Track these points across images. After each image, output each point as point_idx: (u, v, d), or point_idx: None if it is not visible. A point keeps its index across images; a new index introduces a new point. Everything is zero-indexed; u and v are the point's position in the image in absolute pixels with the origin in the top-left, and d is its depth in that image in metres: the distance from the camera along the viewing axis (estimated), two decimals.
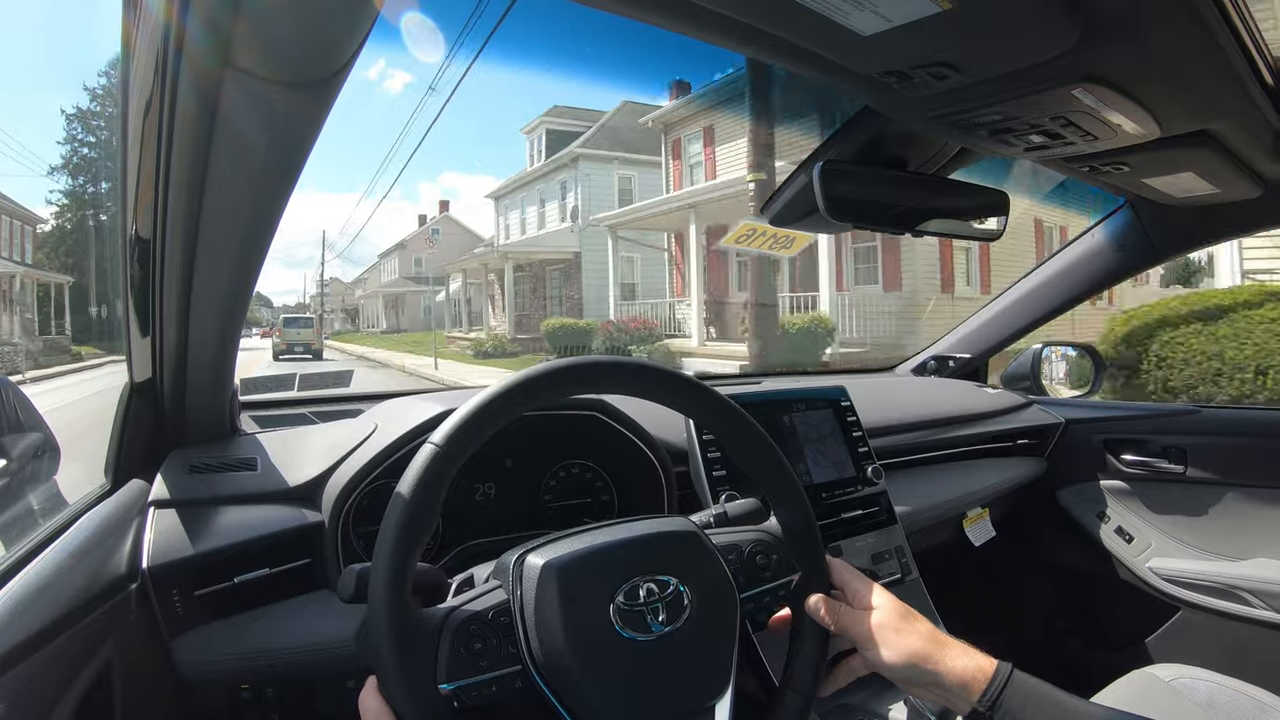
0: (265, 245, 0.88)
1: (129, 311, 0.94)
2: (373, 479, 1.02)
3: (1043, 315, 1.95)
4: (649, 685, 0.67)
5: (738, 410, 0.79)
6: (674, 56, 6.20)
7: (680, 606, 0.70)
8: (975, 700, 0.69)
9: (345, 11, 0.60)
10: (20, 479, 1.19)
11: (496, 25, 6.44)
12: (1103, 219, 1.71)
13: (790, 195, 1.20)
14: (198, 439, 1.12)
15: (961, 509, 1.70)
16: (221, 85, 0.64)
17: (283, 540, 1.00)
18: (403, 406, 1.19)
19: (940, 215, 1.17)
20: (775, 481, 0.81)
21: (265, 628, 0.95)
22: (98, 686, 0.82)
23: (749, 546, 0.81)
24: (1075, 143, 1.00)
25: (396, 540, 0.63)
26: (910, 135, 1.08)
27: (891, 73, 0.81)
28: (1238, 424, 1.80)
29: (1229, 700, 1.13)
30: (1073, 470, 1.95)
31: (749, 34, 0.74)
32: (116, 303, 12.55)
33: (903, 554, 1.34)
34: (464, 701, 0.63)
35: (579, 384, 0.75)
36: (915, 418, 1.71)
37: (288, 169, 0.77)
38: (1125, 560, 1.82)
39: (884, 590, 0.79)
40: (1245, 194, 1.29)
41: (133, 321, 0.95)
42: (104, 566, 0.85)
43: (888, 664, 0.74)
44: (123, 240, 0.87)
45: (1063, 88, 0.82)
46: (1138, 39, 0.74)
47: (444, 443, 0.66)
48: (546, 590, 0.67)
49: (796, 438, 1.33)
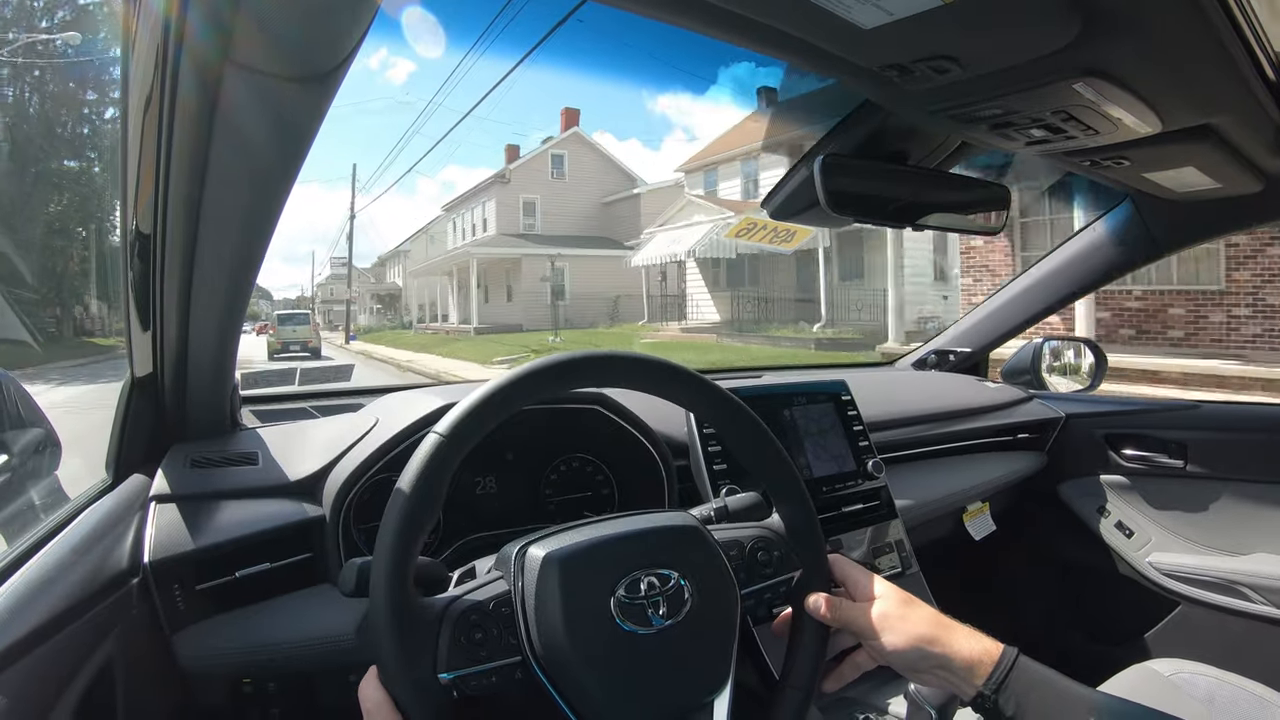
0: (266, 240, 0.87)
1: (129, 306, 0.94)
2: (374, 473, 1.02)
3: (1044, 310, 1.95)
4: (649, 679, 0.67)
5: (739, 404, 0.79)
6: (680, 52, 6.19)
7: (681, 600, 0.70)
8: (981, 684, 0.69)
9: (346, 5, 0.60)
10: (22, 473, 1.19)
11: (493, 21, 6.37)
12: (1104, 213, 1.71)
13: (791, 189, 1.20)
14: (198, 434, 1.12)
15: (962, 503, 1.70)
16: (222, 79, 0.64)
17: (284, 535, 1.00)
18: (404, 400, 1.19)
19: (941, 209, 1.17)
20: (776, 477, 0.81)
21: (266, 622, 0.95)
22: (100, 681, 0.82)
23: (750, 543, 0.81)
24: (1076, 137, 0.99)
25: (399, 529, 0.63)
26: (911, 129, 1.08)
27: (892, 66, 0.81)
28: (1238, 419, 1.80)
29: (1228, 695, 1.14)
30: (1073, 465, 1.95)
31: (749, 27, 0.74)
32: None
33: (903, 548, 1.35)
34: (463, 691, 0.63)
35: (581, 377, 0.76)
36: (916, 412, 1.71)
37: (288, 163, 0.77)
38: (1125, 555, 1.82)
39: (885, 581, 0.79)
40: (1246, 189, 1.28)
41: (133, 316, 0.95)
42: (106, 561, 0.86)
43: (894, 650, 0.74)
44: (123, 235, 0.87)
45: (1064, 81, 0.82)
46: (1139, 33, 0.74)
47: (447, 432, 0.66)
48: (548, 582, 0.67)
49: (797, 431, 1.33)
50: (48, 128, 16.20)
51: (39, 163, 15.60)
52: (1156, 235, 1.64)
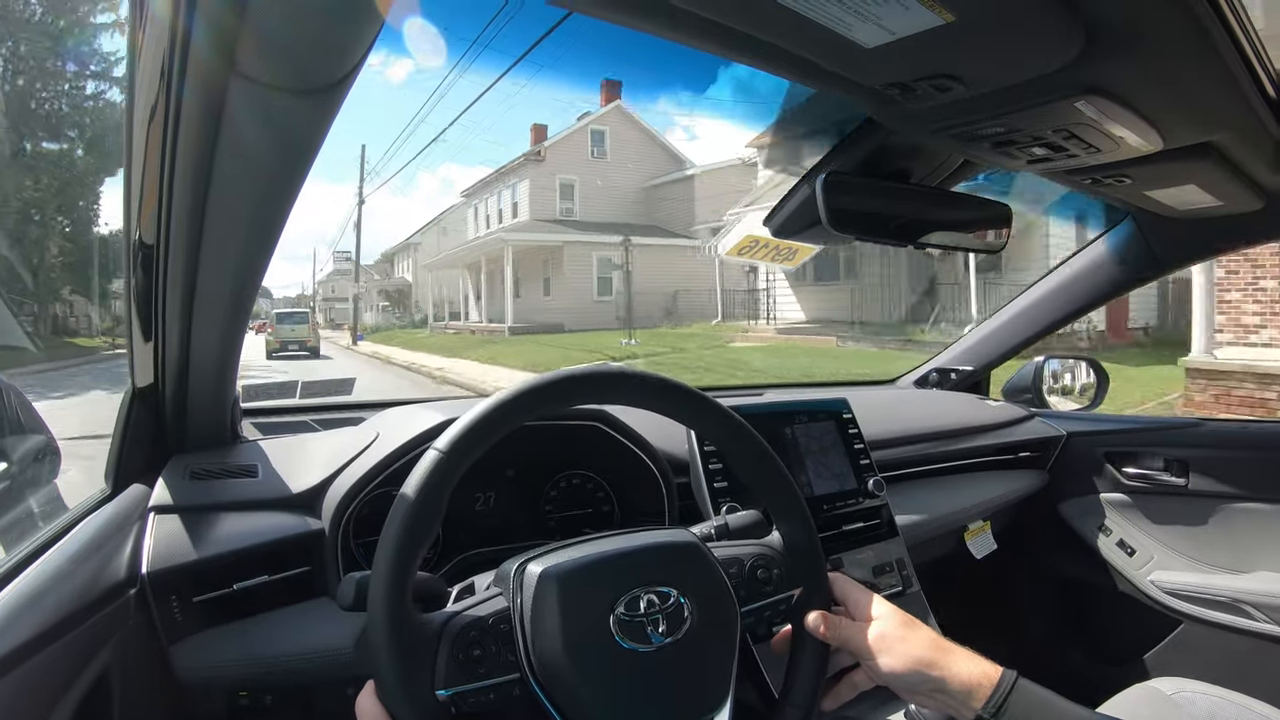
0: (269, 251, 0.88)
1: (132, 316, 0.94)
2: (374, 487, 1.02)
3: (1045, 328, 1.95)
4: (648, 696, 0.67)
5: (740, 422, 0.79)
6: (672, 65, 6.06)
7: (680, 618, 0.70)
8: (980, 707, 0.69)
9: (351, 18, 0.60)
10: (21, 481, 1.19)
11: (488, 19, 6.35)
12: (1105, 231, 1.72)
13: (793, 207, 1.20)
14: (199, 445, 1.12)
15: (963, 521, 1.69)
16: (227, 91, 0.64)
17: (283, 547, 0.99)
18: (405, 415, 1.19)
19: (943, 228, 1.17)
20: (777, 495, 0.81)
21: (264, 635, 0.95)
22: (96, 691, 0.81)
23: (750, 560, 0.81)
24: (1078, 155, 1.00)
25: (398, 545, 0.63)
26: (913, 147, 1.08)
27: (894, 85, 0.82)
28: (1239, 438, 1.80)
29: (1231, 715, 1.13)
30: (1074, 483, 1.94)
31: (752, 45, 0.74)
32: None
33: (904, 566, 1.34)
34: (461, 708, 0.63)
35: (582, 394, 0.76)
36: (917, 430, 1.71)
37: (292, 175, 0.77)
38: (1126, 573, 1.81)
39: (885, 601, 0.79)
40: (1247, 206, 1.29)
41: (135, 327, 0.95)
42: (103, 571, 0.85)
43: (892, 672, 0.73)
44: (126, 245, 0.87)
45: (1065, 100, 0.82)
46: (1140, 51, 0.74)
47: (447, 448, 0.66)
48: (546, 599, 0.66)
49: (798, 449, 1.33)
50: (21, 103, 15.48)
51: (10, 142, 14.92)
52: (1158, 253, 1.64)
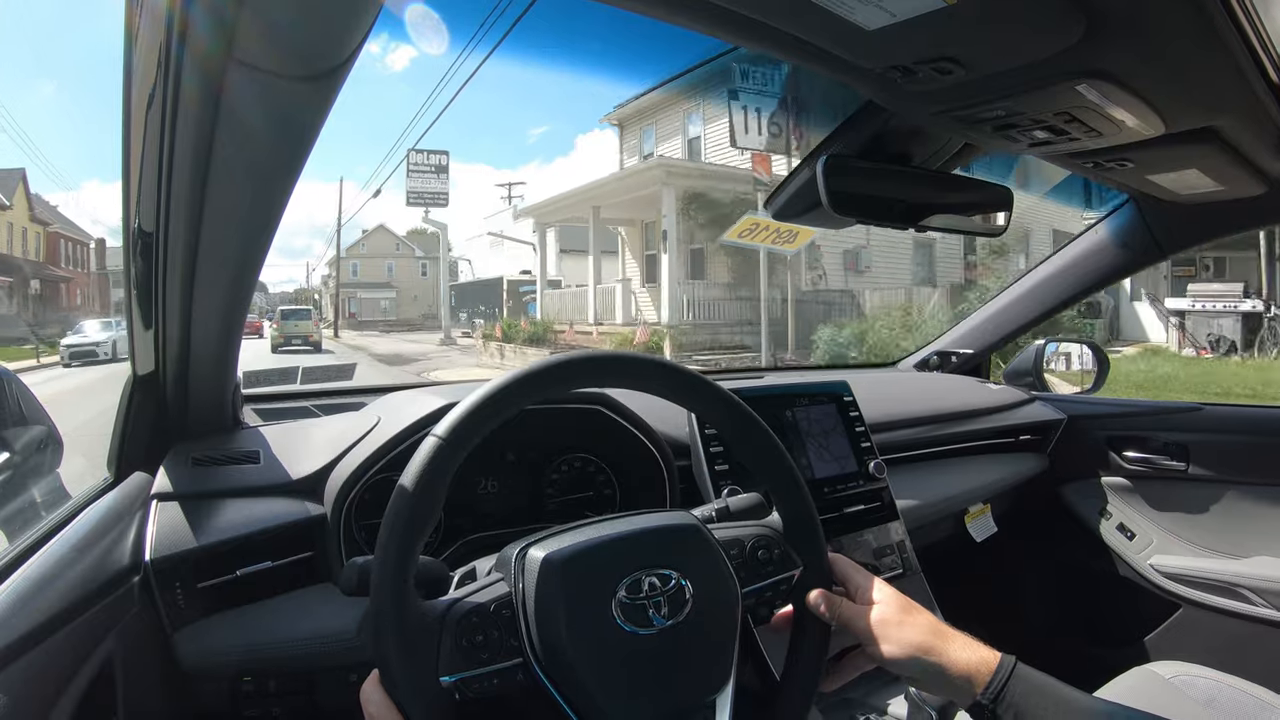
0: (268, 238, 0.87)
1: (131, 304, 0.94)
2: (375, 472, 1.02)
3: (1046, 311, 1.95)
4: (650, 679, 0.67)
5: (741, 405, 0.79)
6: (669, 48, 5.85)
7: (682, 601, 0.70)
8: (979, 693, 0.69)
9: (349, 3, 0.60)
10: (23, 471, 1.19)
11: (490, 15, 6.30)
12: (1106, 215, 1.71)
13: (794, 190, 1.20)
14: (200, 432, 1.12)
15: (963, 504, 1.70)
16: (225, 78, 0.64)
17: (285, 533, 1.00)
18: (406, 399, 1.19)
19: (944, 211, 1.17)
20: (777, 476, 0.81)
21: (267, 621, 0.95)
22: (100, 679, 0.82)
23: (751, 541, 0.81)
24: (1079, 139, 0.99)
25: (400, 531, 0.63)
26: (914, 130, 1.08)
27: (895, 68, 0.81)
28: (1239, 422, 1.80)
29: (1229, 698, 1.13)
30: (1075, 466, 1.95)
31: (753, 28, 0.74)
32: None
33: (904, 549, 1.35)
34: (465, 694, 0.63)
35: (582, 378, 0.76)
36: (918, 413, 1.71)
37: (291, 161, 0.77)
38: (1126, 557, 1.82)
39: (885, 584, 0.79)
40: (1249, 191, 1.28)
41: (135, 314, 0.95)
42: (107, 559, 0.86)
43: (890, 657, 0.74)
44: (125, 233, 0.87)
45: (1067, 83, 0.81)
46: (1142, 35, 0.74)
47: (447, 434, 0.66)
48: (548, 583, 0.67)
49: (799, 432, 1.33)
50: None
51: None
52: (1159, 237, 1.64)
